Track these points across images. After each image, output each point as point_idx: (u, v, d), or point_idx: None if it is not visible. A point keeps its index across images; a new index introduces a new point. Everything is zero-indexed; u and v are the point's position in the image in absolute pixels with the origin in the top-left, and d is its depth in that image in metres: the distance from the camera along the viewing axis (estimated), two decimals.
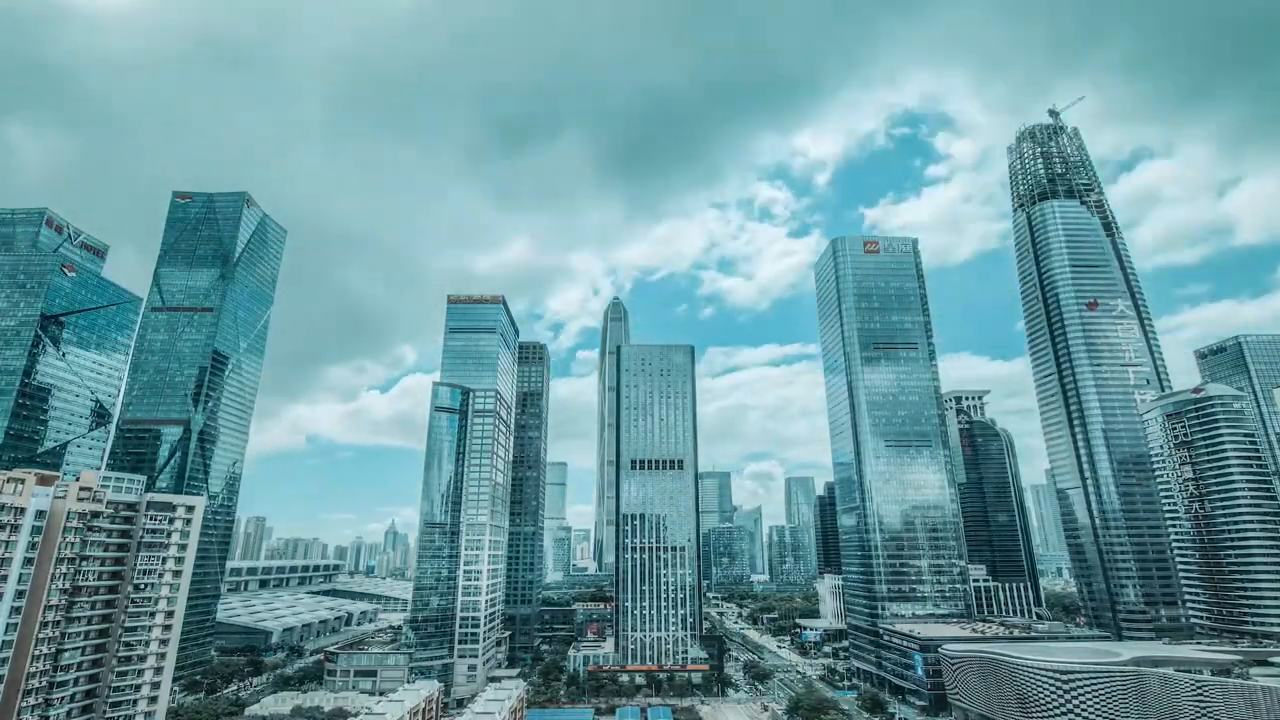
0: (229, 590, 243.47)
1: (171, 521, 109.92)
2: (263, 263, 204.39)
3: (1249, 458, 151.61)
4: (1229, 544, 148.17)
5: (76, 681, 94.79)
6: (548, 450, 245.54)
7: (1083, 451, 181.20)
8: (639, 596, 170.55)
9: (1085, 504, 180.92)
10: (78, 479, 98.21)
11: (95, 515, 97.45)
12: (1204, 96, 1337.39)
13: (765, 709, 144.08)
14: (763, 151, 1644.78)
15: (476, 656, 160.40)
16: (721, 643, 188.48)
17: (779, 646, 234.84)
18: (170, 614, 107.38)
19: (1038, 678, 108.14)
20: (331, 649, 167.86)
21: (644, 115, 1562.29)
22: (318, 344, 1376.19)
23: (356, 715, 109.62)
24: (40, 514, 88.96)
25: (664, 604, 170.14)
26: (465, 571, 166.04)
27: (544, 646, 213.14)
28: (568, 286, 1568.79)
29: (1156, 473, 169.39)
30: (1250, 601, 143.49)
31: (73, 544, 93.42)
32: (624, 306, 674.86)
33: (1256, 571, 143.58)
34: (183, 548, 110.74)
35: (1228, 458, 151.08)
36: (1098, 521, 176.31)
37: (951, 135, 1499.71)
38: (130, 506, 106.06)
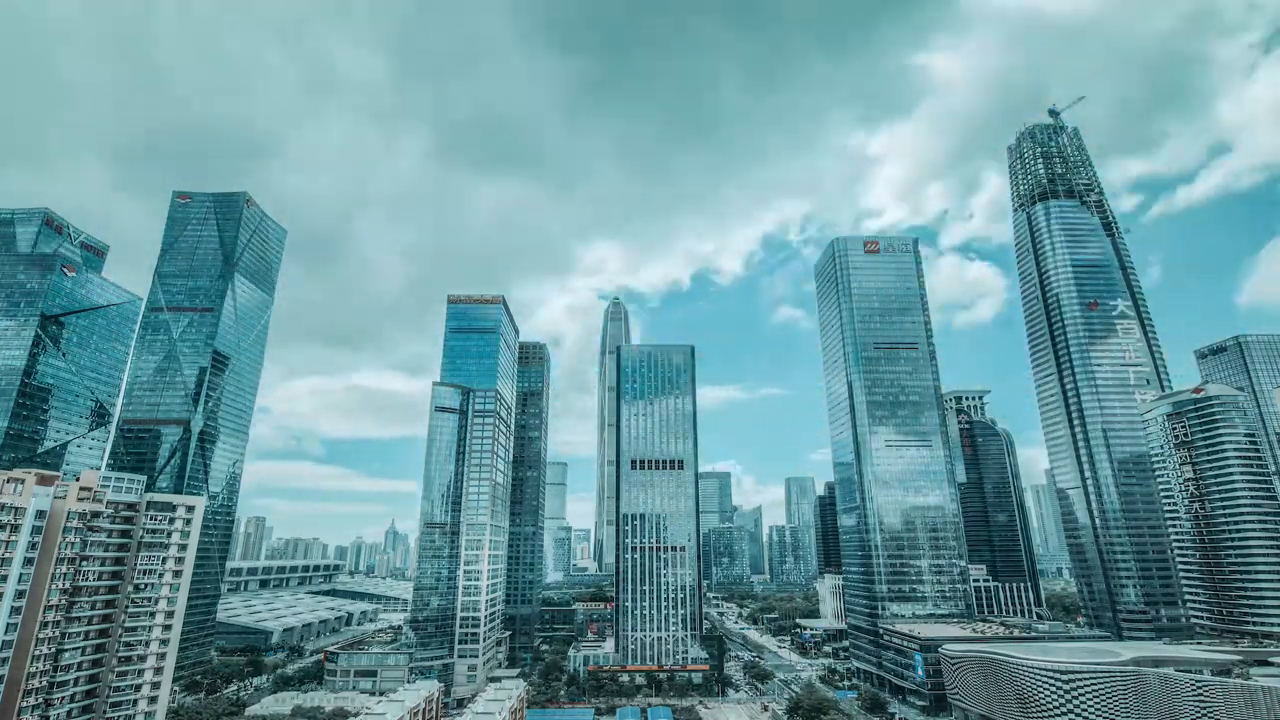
0: (229, 590, 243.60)
1: (172, 521, 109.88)
2: (263, 263, 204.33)
3: (1249, 458, 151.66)
4: (1229, 544, 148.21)
5: (76, 682, 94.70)
6: (548, 450, 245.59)
7: (1083, 451, 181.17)
8: (639, 596, 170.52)
9: (1085, 504, 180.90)
10: (78, 479, 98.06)
11: (95, 515, 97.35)
12: None
13: (765, 709, 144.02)
14: None
15: (477, 656, 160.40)
16: (721, 643, 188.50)
17: (779, 646, 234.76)
18: (170, 614, 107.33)
19: (1038, 678, 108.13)
20: (331, 649, 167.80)
21: None
22: None
23: (356, 715, 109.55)
24: (40, 514, 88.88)
25: (664, 604, 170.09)
26: (465, 571, 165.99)
27: (544, 646, 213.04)
28: None
29: (1156, 473, 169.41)
30: (1250, 601, 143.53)
31: (73, 544, 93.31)
32: (624, 306, 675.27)
33: (1257, 571, 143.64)
34: (183, 548, 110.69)
35: (1228, 458, 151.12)
36: (1098, 521, 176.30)
37: None
38: (130, 506, 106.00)
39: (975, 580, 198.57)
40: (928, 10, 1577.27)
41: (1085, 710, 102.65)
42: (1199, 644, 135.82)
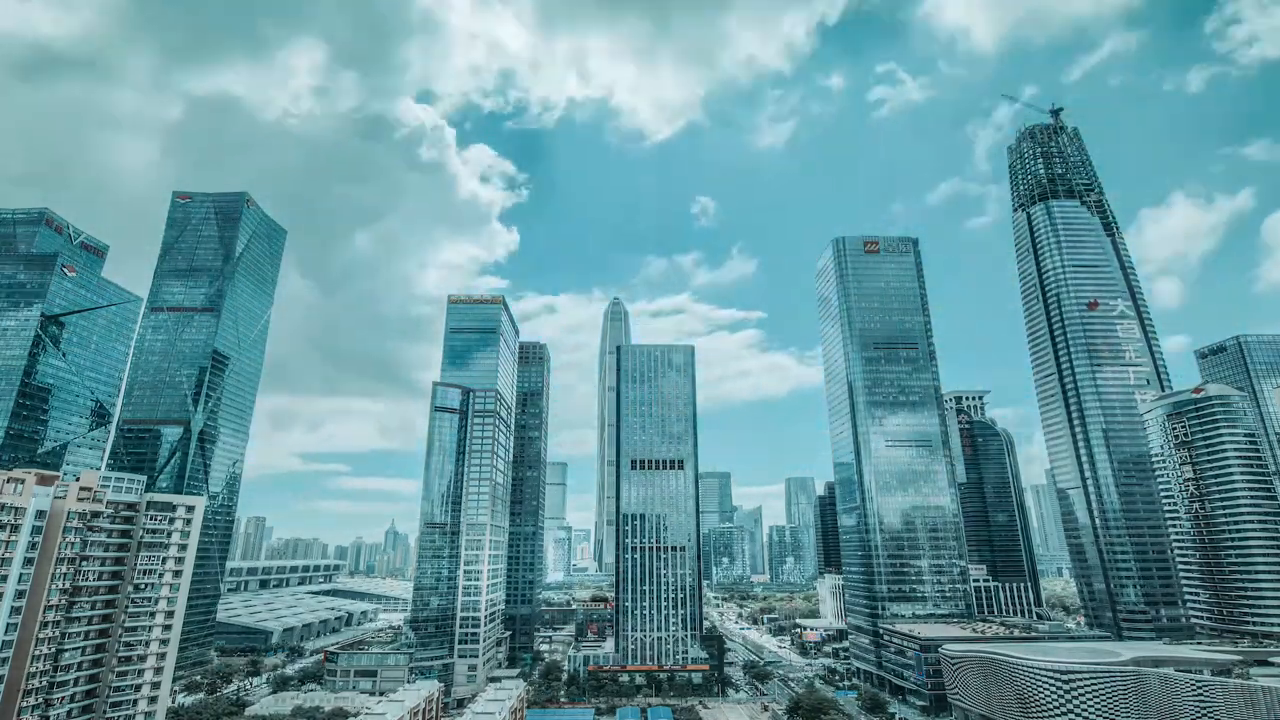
0: (229, 590, 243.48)
1: (172, 521, 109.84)
2: (263, 263, 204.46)
3: (1249, 458, 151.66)
4: (1229, 544, 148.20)
5: (76, 682, 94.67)
6: (548, 450, 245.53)
7: (1083, 451, 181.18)
8: (639, 596, 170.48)
9: (1085, 504, 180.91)
10: (78, 479, 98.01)
11: (95, 515, 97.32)
12: None
13: (765, 709, 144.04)
14: None
15: (477, 656, 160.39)
16: (721, 643, 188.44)
17: (779, 647, 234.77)
18: (170, 614, 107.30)
19: (1038, 678, 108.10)
20: (331, 649, 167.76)
21: None
22: None
23: (356, 715, 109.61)
24: (40, 514, 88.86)
25: (664, 604, 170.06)
26: (465, 571, 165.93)
27: (544, 646, 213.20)
28: None
29: (1156, 473, 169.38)
30: (1250, 601, 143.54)
31: (73, 544, 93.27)
32: (624, 307, 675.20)
33: (1257, 571, 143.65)
34: (183, 548, 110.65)
35: (1228, 458, 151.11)
36: (1098, 521, 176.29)
37: None
38: (130, 506, 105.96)
39: (975, 580, 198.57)
40: None
41: (1085, 710, 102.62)
42: (1199, 644, 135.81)
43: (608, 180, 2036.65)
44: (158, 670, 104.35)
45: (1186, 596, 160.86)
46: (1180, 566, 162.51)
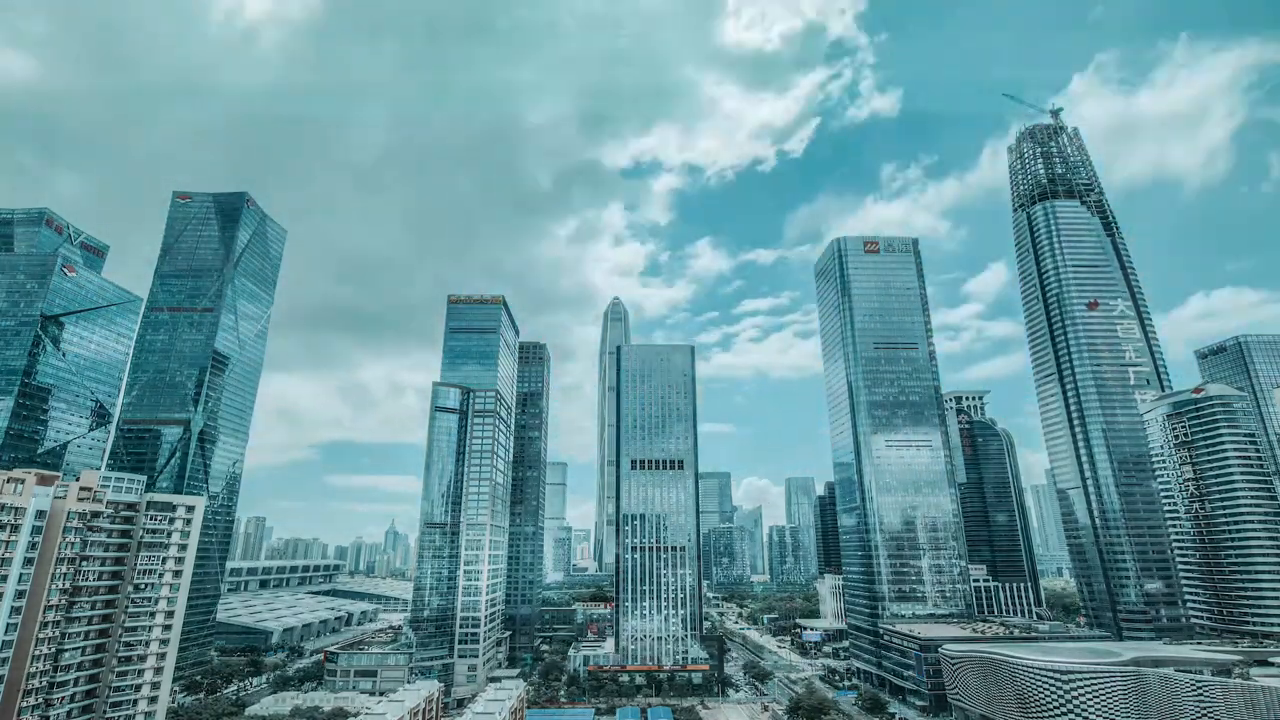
0: (229, 590, 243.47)
1: (172, 521, 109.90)
2: (263, 263, 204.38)
3: (1249, 458, 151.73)
4: (1229, 544, 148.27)
5: (76, 682, 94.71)
6: (548, 450, 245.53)
7: (1083, 451, 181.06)
8: (639, 596, 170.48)
9: (1085, 504, 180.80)
10: (78, 479, 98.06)
11: (95, 515, 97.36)
12: None
13: (766, 709, 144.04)
14: None
15: (477, 656, 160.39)
16: (722, 643, 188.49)
17: (779, 646, 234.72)
18: (170, 614, 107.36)
19: (1038, 678, 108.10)
20: (331, 649, 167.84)
21: None
22: None
23: (356, 715, 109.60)
24: (40, 514, 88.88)
25: (664, 604, 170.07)
26: (465, 571, 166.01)
27: (544, 646, 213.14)
28: None
29: (1156, 473, 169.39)
30: (1251, 601, 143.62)
31: (73, 544, 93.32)
32: (624, 307, 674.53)
33: (1257, 571, 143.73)
34: (183, 548, 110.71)
35: (1228, 458, 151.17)
36: (1098, 521, 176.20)
37: None
38: (130, 506, 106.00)
39: (975, 580, 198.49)
40: None
41: (1085, 710, 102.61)
42: (1199, 644, 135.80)
43: None
44: (158, 670, 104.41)
45: (1186, 596, 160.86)
46: (1180, 566, 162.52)
